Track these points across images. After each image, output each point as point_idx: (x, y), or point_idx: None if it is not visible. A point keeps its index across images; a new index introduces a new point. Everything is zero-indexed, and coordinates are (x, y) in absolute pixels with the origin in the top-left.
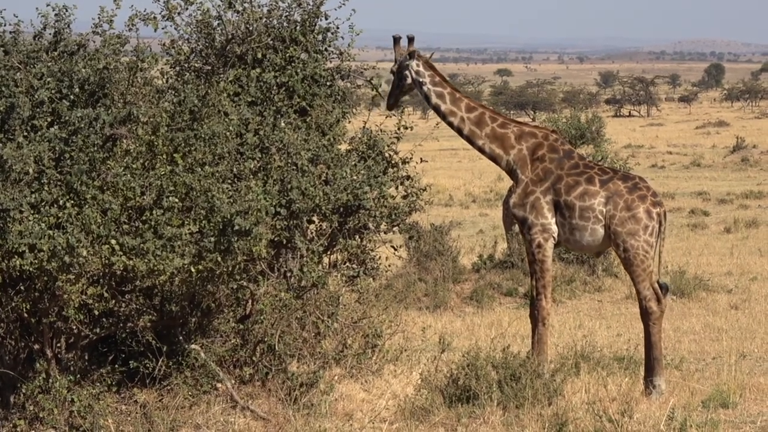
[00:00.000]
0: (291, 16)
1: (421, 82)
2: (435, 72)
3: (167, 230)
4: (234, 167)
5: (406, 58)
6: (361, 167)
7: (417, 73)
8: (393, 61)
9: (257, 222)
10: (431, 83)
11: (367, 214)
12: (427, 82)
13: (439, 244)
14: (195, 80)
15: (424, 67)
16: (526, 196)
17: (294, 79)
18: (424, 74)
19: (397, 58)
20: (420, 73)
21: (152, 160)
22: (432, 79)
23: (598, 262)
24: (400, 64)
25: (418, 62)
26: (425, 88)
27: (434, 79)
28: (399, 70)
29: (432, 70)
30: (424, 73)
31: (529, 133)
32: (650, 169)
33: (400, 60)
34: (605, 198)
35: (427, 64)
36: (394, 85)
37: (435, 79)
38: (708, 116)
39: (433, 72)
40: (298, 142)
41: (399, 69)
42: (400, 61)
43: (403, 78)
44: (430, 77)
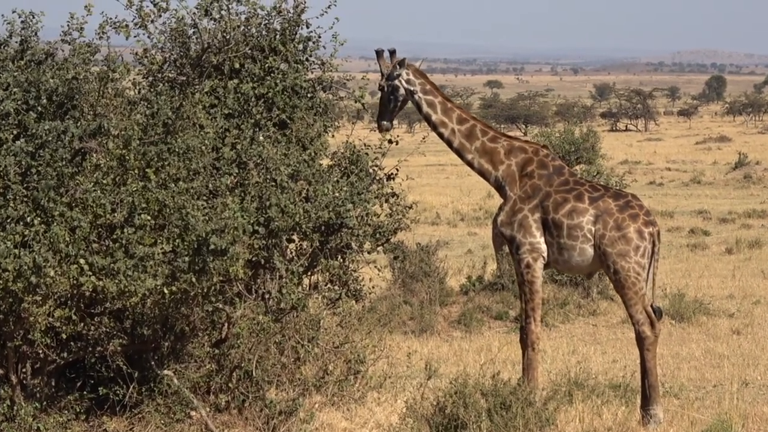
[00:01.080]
0: (270, 25)
1: (412, 90)
2: (426, 80)
3: (139, 249)
4: (210, 183)
5: (395, 69)
6: (344, 183)
7: (408, 82)
8: (379, 75)
9: (234, 241)
10: (422, 92)
11: (350, 233)
12: (418, 90)
13: (426, 264)
14: (169, 91)
15: (414, 75)
16: (514, 214)
17: (273, 90)
18: (415, 82)
19: (383, 72)
20: (411, 82)
21: (123, 176)
22: (423, 87)
23: (593, 284)
24: (389, 77)
25: (407, 71)
26: (416, 97)
27: (425, 87)
28: (389, 83)
29: (423, 78)
30: (414, 81)
31: (518, 148)
32: (648, 186)
33: (387, 73)
34: (594, 216)
35: (417, 72)
36: (384, 101)
37: (426, 87)
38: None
39: (424, 80)
40: (278, 156)
41: (389, 83)
42: (388, 74)
43: (396, 90)
44: (420, 85)
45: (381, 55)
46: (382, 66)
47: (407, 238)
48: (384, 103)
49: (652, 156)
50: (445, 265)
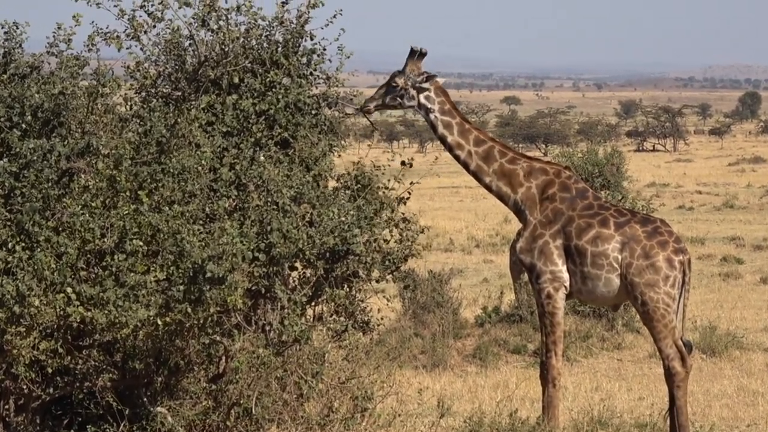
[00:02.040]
0: (272, 36)
1: (429, 108)
2: (446, 99)
3: (130, 277)
4: (206, 206)
5: (422, 80)
6: (351, 207)
7: (427, 98)
8: (401, 72)
9: (232, 268)
10: (440, 111)
11: (357, 260)
12: (435, 109)
13: (438, 294)
14: (163, 107)
15: (436, 92)
16: (534, 240)
17: (275, 107)
18: (434, 101)
19: (408, 71)
20: (430, 99)
21: (114, 198)
22: (441, 107)
23: (618, 316)
24: (413, 83)
25: (429, 86)
26: (432, 116)
27: (444, 107)
28: (406, 87)
29: (443, 96)
30: (434, 99)
31: (539, 169)
32: (677, 210)
33: (412, 77)
34: (621, 243)
35: (439, 90)
36: (389, 94)
37: (445, 107)
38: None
39: (444, 99)
40: (279, 178)
41: (406, 86)
42: (413, 80)
43: (407, 98)
44: (439, 105)
45: (414, 55)
46: (409, 65)
47: (418, 265)
48: (385, 96)
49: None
50: (459, 294)
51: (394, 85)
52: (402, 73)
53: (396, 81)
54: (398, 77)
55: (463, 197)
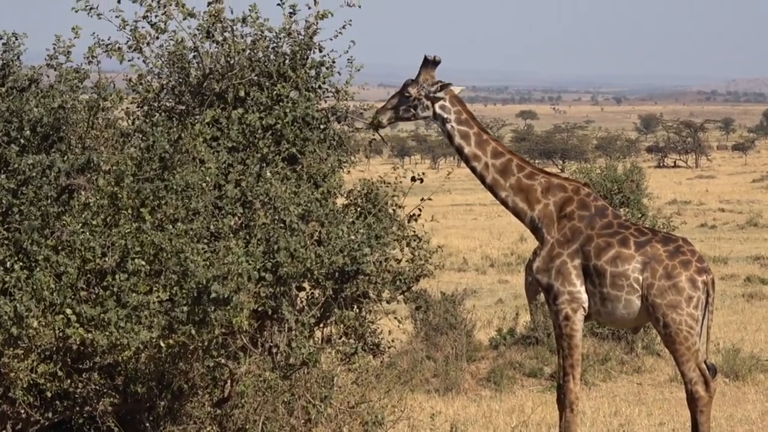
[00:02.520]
0: (279, 48)
1: (446, 118)
2: (463, 108)
3: (132, 298)
4: (211, 224)
5: (436, 89)
6: (361, 225)
7: (442, 108)
8: (414, 81)
9: (238, 289)
10: (456, 121)
11: (367, 280)
12: (452, 119)
13: (451, 315)
14: (166, 122)
15: (451, 102)
16: (551, 260)
17: (282, 121)
18: (450, 110)
19: (421, 80)
20: (446, 108)
21: (115, 216)
22: (458, 117)
23: (638, 338)
24: (427, 92)
25: (444, 95)
26: (449, 126)
27: (460, 116)
28: (419, 97)
29: (460, 105)
30: (450, 108)
31: (557, 186)
32: (699, 229)
33: (426, 86)
34: (642, 263)
35: (455, 99)
36: (402, 104)
37: (461, 116)
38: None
39: (460, 108)
40: (287, 195)
41: (420, 96)
42: (427, 89)
43: (421, 108)
44: (456, 114)
45: (428, 63)
46: (423, 74)
47: (431, 286)
48: (398, 107)
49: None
50: (473, 316)
51: (407, 95)
52: (415, 82)
53: (409, 91)
54: (411, 87)
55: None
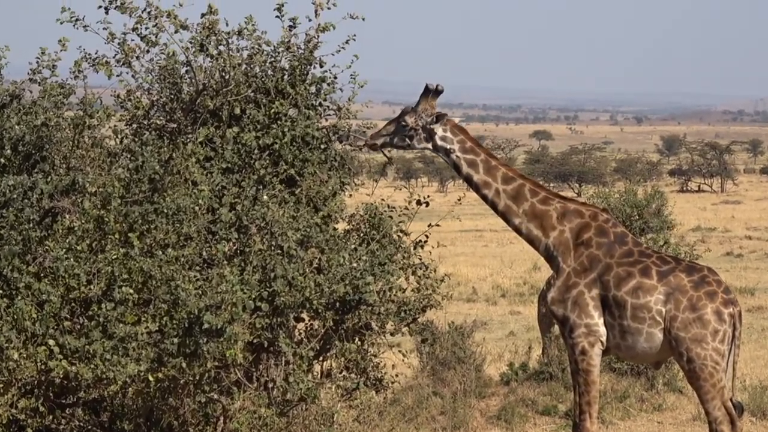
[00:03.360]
0: (277, 63)
1: (449, 149)
2: (466, 136)
3: (119, 328)
4: (204, 250)
5: (431, 120)
6: (363, 252)
7: (443, 139)
8: (413, 109)
9: (232, 319)
10: (461, 150)
11: (370, 310)
12: (456, 149)
13: (460, 349)
14: (156, 141)
15: (452, 132)
16: (567, 290)
17: (280, 141)
18: (452, 140)
19: (420, 110)
20: (447, 139)
21: (101, 241)
22: (462, 146)
23: (659, 374)
24: (425, 123)
25: (444, 127)
26: (454, 156)
27: (465, 145)
28: (416, 127)
29: (462, 134)
30: (452, 139)
31: (574, 211)
32: (724, 257)
33: (424, 117)
34: (665, 295)
35: (456, 128)
36: (397, 133)
37: (466, 145)
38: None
39: (463, 137)
40: (285, 219)
41: (417, 126)
42: (425, 120)
43: (417, 139)
44: (459, 143)
45: (429, 92)
46: (422, 104)
47: (438, 317)
48: (393, 135)
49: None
50: (483, 349)
51: (403, 124)
52: (414, 111)
53: (406, 120)
54: (409, 116)
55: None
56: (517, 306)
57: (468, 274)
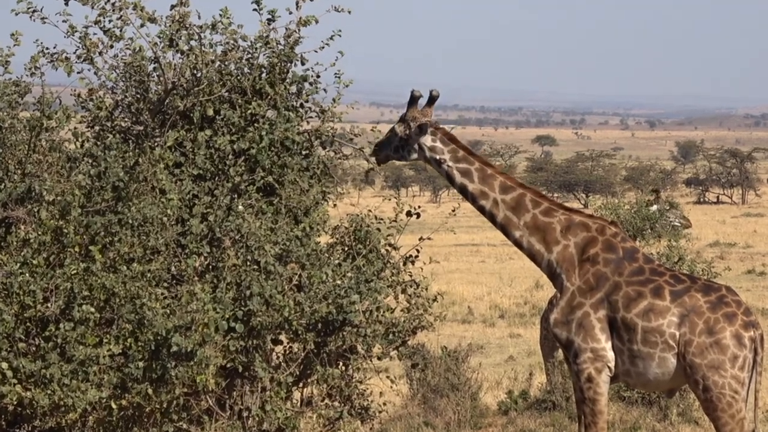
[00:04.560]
0: (254, 60)
1: (439, 159)
2: (457, 145)
3: (79, 351)
4: (172, 265)
5: (416, 132)
6: (348, 268)
7: (432, 149)
8: (401, 119)
9: (203, 341)
10: (453, 159)
11: (355, 332)
12: (447, 159)
13: (454, 375)
14: (121, 145)
15: (442, 141)
16: (571, 311)
17: (257, 145)
18: (443, 150)
19: (408, 118)
20: (436, 149)
21: (60, 254)
22: (454, 155)
23: (672, 404)
24: (410, 135)
25: (433, 137)
26: (445, 167)
27: (456, 154)
28: (406, 137)
29: (453, 143)
30: (442, 149)
31: (579, 224)
32: (745, 276)
33: (413, 126)
34: (678, 317)
35: (446, 137)
36: (393, 145)
37: (458, 154)
38: None
39: (454, 146)
40: (262, 232)
41: (406, 136)
42: (412, 131)
43: (407, 150)
44: (451, 153)
45: (415, 100)
46: (410, 112)
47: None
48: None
49: (752, 236)
50: (479, 375)
51: (395, 133)
52: (403, 120)
53: (396, 130)
54: (398, 124)
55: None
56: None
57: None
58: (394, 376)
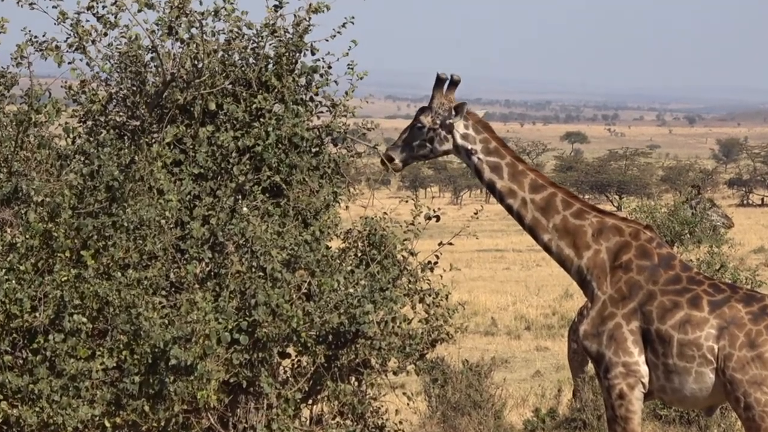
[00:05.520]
0: (260, 50)
1: (470, 150)
2: (490, 135)
3: (70, 364)
4: (171, 272)
5: (450, 114)
6: (361, 275)
7: (464, 137)
8: (427, 108)
9: (204, 354)
10: (484, 151)
11: (369, 344)
12: (478, 149)
13: (476, 391)
14: (115, 141)
15: (475, 128)
16: (602, 322)
17: (263, 142)
18: (475, 139)
19: (435, 105)
20: (469, 138)
21: (49, 260)
22: (485, 146)
23: (712, 422)
24: (443, 120)
25: (466, 123)
26: (475, 159)
27: (488, 145)
28: (435, 127)
29: (486, 132)
30: (474, 137)
31: (612, 228)
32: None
33: (441, 113)
34: (717, 329)
35: (480, 124)
36: (416, 138)
37: (490, 145)
38: None
39: (487, 135)
40: (268, 235)
41: (435, 125)
42: (443, 116)
43: (438, 141)
44: (482, 143)
45: (441, 83)
46: (436, 98)
47: (450, 353)
48: (411, 141)
49: None
50: (503, 392)
51: (420, 127)
52: (428, 109)
53: (421, 120)
54: (424, 115)
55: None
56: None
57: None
58: (411, 392)
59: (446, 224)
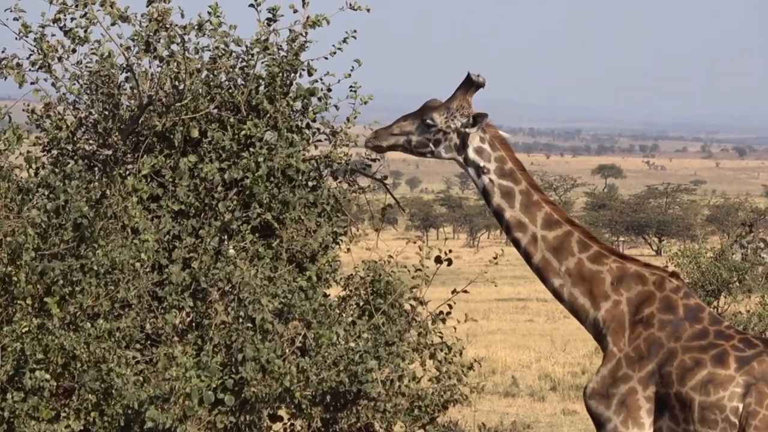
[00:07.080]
0: (250, 69)
1: (482, 167)
2: (508, 154)
3: (31, 427)
4: (147, 322)
5: (468, 122)
6: (364, 327)
7: (478, 151)
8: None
9: (184, 416)
10: (497, 172)
11: (373, 406)
12: (491, 169)
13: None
14: (84, 173)
15: (491, 144)
16: (614, 383)
17: (253, 174)
18: (490, 156)
19: (454, 107)
20: (483, 153)
21: (8, 308)
22: (500, 166)
23: None
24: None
25: (483, 135)
26: (486, 179)
27: (504, 165)
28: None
29: (503, 149)
30: (490, 154)
31: (633, 275)
32: None
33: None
34: (743, 387)
35: (497, 140)
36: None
37: (505, 166)
38: None
39: (504, 154)
40: (258, 281)
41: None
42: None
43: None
44: (497, 162)
45: (470, 85)
46: (458, 100)
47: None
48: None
49: None
50: None
51: (429, 123)
52: (445, 107)
53: (434, 118)
54: (438, 113)
55: (533, 315)
56: (573, 403)
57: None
58: None
59: (461, 269)
